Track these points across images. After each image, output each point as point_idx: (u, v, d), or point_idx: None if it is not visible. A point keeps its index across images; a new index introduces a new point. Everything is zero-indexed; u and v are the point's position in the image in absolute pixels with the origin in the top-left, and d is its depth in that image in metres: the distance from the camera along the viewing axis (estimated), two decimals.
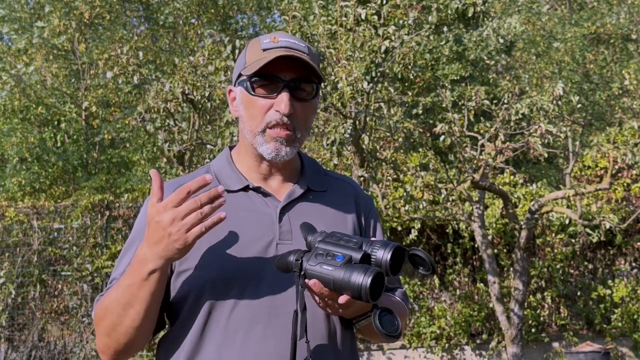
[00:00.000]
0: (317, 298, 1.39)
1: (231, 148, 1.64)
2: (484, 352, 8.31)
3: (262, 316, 1.43)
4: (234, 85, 1.59)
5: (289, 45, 1.51)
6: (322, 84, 1.54)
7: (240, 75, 1.55)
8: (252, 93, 1.51)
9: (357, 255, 1.33)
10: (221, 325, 1.43)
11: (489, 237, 7.58)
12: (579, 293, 8.72)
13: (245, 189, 1.55)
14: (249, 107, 1.52)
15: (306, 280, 1.34)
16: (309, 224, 1.45)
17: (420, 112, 8.55)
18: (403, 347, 8.30)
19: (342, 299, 1.31)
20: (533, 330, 8.33)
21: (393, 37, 5.85)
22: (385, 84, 6.57)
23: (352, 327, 1.52)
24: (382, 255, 1.35)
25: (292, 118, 1.49)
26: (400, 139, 8.22)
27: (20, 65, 12.48)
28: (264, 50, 1.51)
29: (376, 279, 1.30)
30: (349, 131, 5.70)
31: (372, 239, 1.43)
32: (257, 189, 1.54)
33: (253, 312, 1.43)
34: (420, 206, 6.70)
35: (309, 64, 1.49)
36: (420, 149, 8.91)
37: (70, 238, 8.39)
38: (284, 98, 1.48)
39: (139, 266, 1.37)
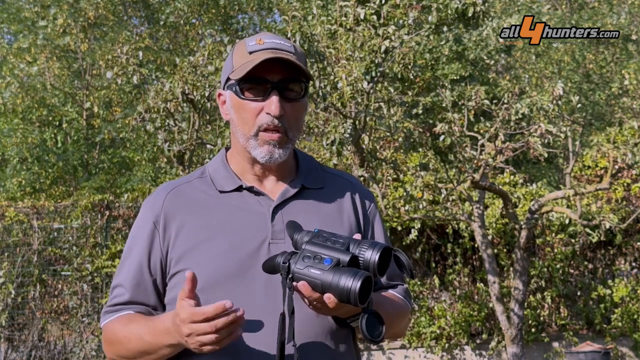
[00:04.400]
0: (306, 300, 1.39)
1: (227, 149, 1.65)
2: (484, 352, 8.31)
3: (255, 314, 1.43)
4: (223, 89, 1.59)
5: (274, 46, 1.51)
6: (311, 82, 1.55)
7: (228, 79, 1.55)
8: (242, 97, 1.51)
9: (345, 258, 1.32)
10: None
11: (489, 237, 7.58)
12: (579, 293, 8.72)
13: (239, 189, 1.55)
14: (240, 111, 1.52)
15: (294, 283, 1.34)
16: (295, 222, 1.45)
17: (420, 112, 8.54)
18: (403, 347, 8.30)
19: (326, 296, 1.31)
20: (533, 330, 8.33)
21: (393, 37, 5.85)
22: (385, 83, 6.57)
23: (348, 324, 1.52)
24: (371, 256, 1.35)
25: (282, 119, 1.50)
26: (400, 139, 8.22)
27: (23, 65, 12.50)
28: (250, 53, 1.51)
29: (365, 283, 1.30)
30: (349, 131, 5.69)
31: (357, 236, 1.42)
32: (250, 189, 1.55)
33: (246, 310, 1.42)
34: (420, 206, 6.70)
35: (295, 64, 1.48)
36: (420, 149, 8.91)
37: (70, 238, 8.39)
38: (273, 100, 1.48)
39: (162, 335, 1.41)
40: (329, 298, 1.31)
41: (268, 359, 1.40)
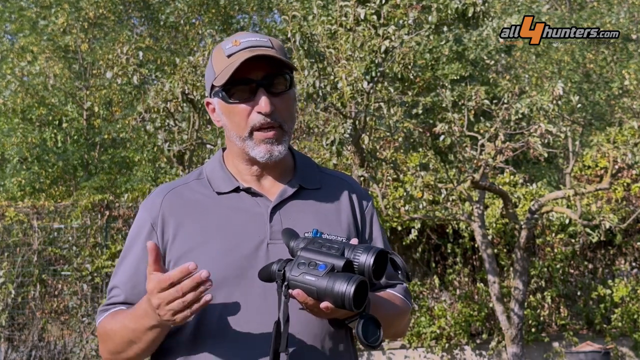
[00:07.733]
0: (303, 305, 1.38)
1: (224, 149, 1.64)
2: (484, 352, 8.31)
3: (254, 315, 1.43)
4: (210, 97, 1.57)
5: (251, 44, 1.50)
6: (294, 71, 1.54)
7: (213, 86, 1.54)
8: (229, 101, 1.50)
9: (340, 263, 1.32)
10: (213, 325, 1.44)
11: (489, 237, 7.58)
12: (579, 293, 8.72)
13: (237, 190, 1.54)
14: (231, 116, 1.51)
15: (290, 291, 1.33)
16: (290, 229, 1.44)
17: (420, 112, 8.55)
18: (403, 347, 8.30)
19: (324, 305, 1.31)
20: (533, 330, 8.33)
21: (393, 37, 5.85)
22: (385, 84, 6.57)
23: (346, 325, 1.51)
24: (365, 260, 1.34)
25: (274, 115, 1.49)
26: (400, 139, 8.21)
27: (24, 64, 12.51)
28: (229, 56, 1.49)
29: (359, 288, 1.29)
30: (349, 131, 5.70)
31: (354, 241, 1.40)
32: (247, 190, 1.54)
33: (244, 312, 1.44)
34: (420, 206, 6.70)
35: (275, 58, 1.47)
36: (420, 149, 8.91)
37: (70, 238, 8.39)
38: (262, 98, 1.47)
39: (142, 318, 1.40)
40: (326, 306, 1.30)
41: None
